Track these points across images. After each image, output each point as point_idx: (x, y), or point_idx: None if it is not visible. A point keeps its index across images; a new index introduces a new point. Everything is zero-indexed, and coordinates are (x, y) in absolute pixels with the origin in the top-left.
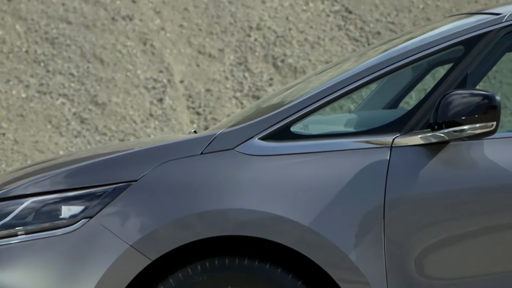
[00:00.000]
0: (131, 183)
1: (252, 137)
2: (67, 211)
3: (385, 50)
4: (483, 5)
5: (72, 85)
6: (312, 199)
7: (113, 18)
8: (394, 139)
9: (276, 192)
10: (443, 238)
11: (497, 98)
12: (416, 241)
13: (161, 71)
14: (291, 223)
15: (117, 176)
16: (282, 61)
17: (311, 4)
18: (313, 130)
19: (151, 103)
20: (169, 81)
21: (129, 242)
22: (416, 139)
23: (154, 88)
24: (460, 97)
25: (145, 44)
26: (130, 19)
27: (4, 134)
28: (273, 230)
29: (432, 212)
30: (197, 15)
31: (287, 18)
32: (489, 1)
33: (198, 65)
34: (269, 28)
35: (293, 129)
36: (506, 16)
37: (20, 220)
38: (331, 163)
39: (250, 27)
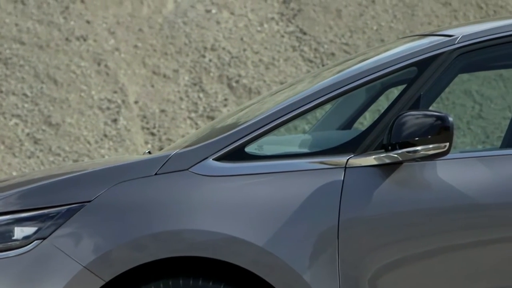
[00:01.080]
0: (85, 204)
1: (206, 158)
2: (20, 232)
3: (339, 71)
4: (436, 27)
5: (26, 105)
6: (267, 220)
7: (67, 39)
8: (348, 159)
9: (231, 213)
10: (397, 258)
11: (450, 119)
12: (370, 262)
13: (115, 92)
14: (245, 244)
15: (70, 197)
16: (237, 81)
17: (265, 25)
18: (268, 150)
19: (105, 123)
20: (123, 101)
21: (83, 263)
22: (370, 159)
23: (108, 108)
24: (413, 118)
25: (99, 64)
26: (84, 40)
27: None
28: (227, 251)
29: (386, 233)
30: (152, 35)
31: (241, 39)
32: (442, 23)
33: (152, 86)
34: (223, 48)
35: (248, 149)
36: (459, 38)
37: None
38: (285, 183)
39: (205, 48)
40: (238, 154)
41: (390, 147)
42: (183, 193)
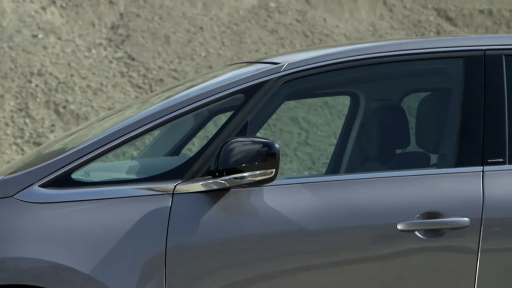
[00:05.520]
0: None
1: (32, 185)
2: None
3: (168, 97)
4: (264, 54)
5: None
6: (94, 247)
7: None
8: (176, 186)
9: (57, 240)
10: (225, 284)
11: (277, 145)
12: None
13: None
14: (71, 271)
15: None
16: (64, 107)
17: (93, 51)
18: (95, 177)
19: None
20: None
21: None
22: (198, 186)
23: None
24: (241, 145)
25: None
26: None
27: None
28: (53, 279)
29: (214, 259)
30: None
31: (69, 64)
32: (269, 50)
33: None
34: (50, 74)
35: (74, 176)
36: (284, 66)
37: None
38: (112, 210)
39: (31, 73)
40: (64, 181)
41: (217, 173)
42: (7, 220)
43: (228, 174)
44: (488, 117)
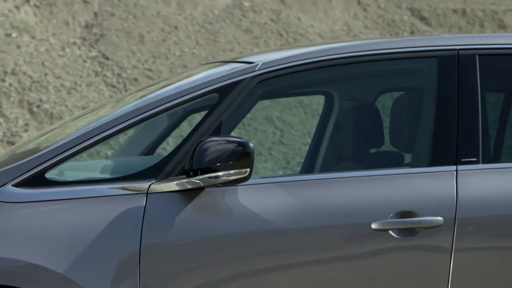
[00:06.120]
0: None
1: (5, 184)
2: None
3: (142, 97)
4: (238, 53)
5: None
6: (68, 247)
7: None
8: (150, 185)
9: (31, 240)
10: (200, 284)
11: (251, 145)
12: None
13: None
14: (46, 271)
15: None
16: (38, 106)
17: (67, 50)
18: (69, 176)
19: None
20: None
21: None
22: (172, 185)
23: None
24: (215, 144)
25: None
26: None
27: None
28: (28, 279)
29: (187, 259)
30: None
31: (43, 63)
32: (244, 50)
33: None
34: (24, 73)
35: (48, 175)
36: (259, 65)
37: None
38: (87, 210)
39: (5, 72)
40: (38, 180)
41: (192, 173)
42: None
43: (202, 174)
44: (461, 116)
